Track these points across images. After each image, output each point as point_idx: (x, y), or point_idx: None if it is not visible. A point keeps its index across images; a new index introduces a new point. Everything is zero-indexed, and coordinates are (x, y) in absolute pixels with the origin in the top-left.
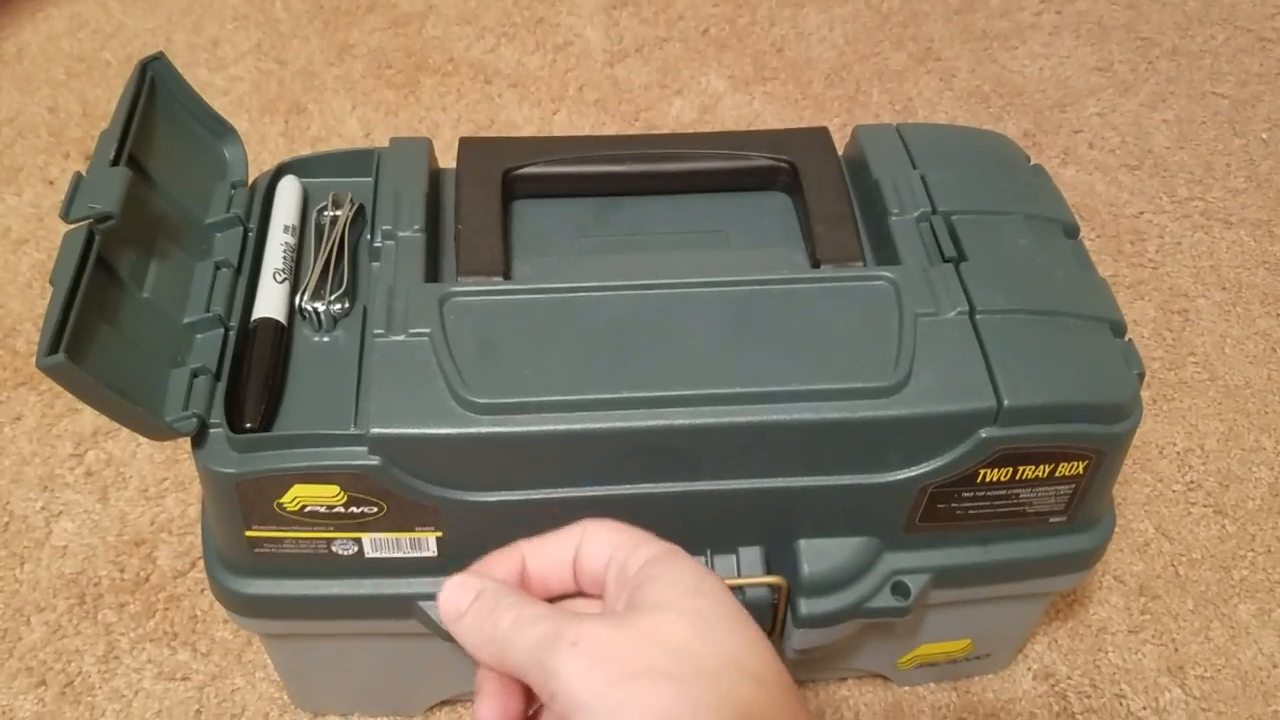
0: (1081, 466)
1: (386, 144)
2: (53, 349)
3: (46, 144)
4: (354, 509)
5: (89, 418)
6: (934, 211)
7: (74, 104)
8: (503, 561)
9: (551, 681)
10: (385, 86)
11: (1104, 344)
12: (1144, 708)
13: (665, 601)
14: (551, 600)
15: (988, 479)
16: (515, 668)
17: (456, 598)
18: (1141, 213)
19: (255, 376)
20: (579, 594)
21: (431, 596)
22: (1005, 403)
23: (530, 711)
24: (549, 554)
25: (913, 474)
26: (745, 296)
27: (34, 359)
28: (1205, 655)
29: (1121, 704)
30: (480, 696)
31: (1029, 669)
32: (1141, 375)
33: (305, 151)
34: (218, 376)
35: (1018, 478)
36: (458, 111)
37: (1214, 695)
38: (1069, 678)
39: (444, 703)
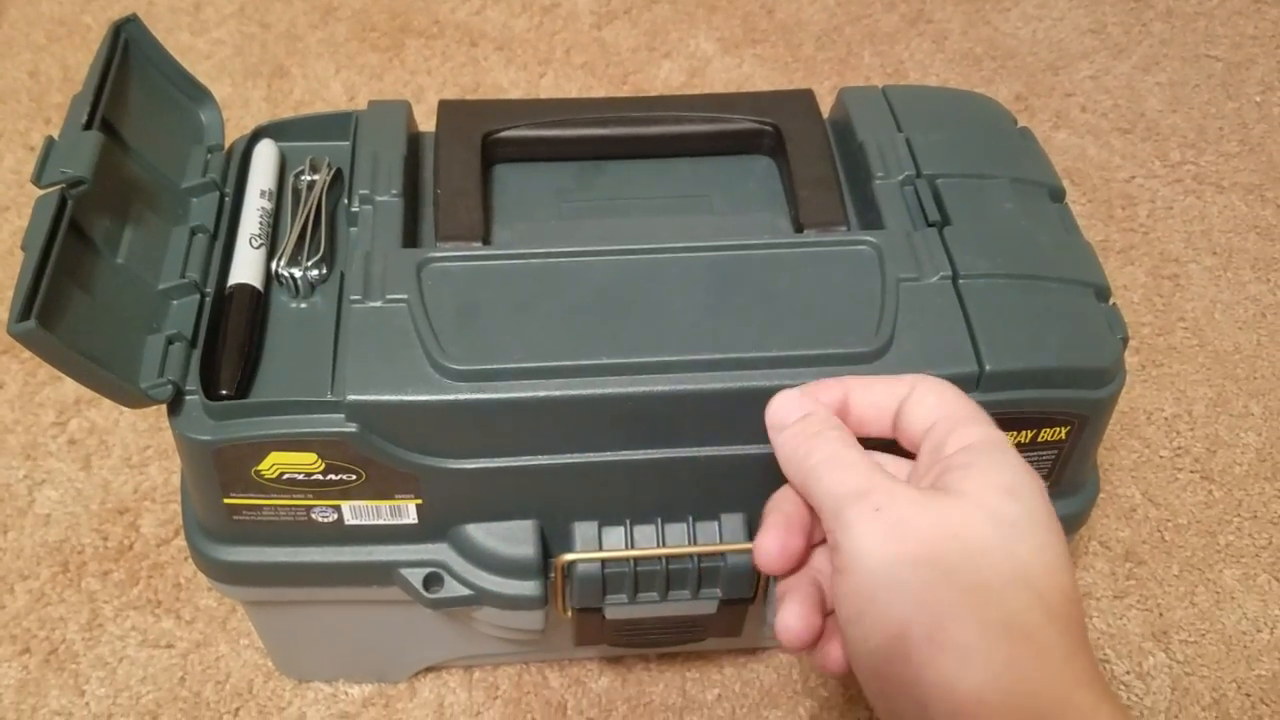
0: (1064, 432)
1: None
2: (24, 315)
3: (27, 109)
4: (332, 476)
5: (71, 386)
6: (919, 175)
7: (55, 69)
8: (829, 390)
9: (843, 534)
10: (369, 49)
11: (1087, 308)
12: (1128, 672)
13: (976, 495)
14: (863, 442)
15: None
16: (812, 500)
17: (785, 411)
18: (1133, 177)
19: (231, 343)
20: (892, 444)
21: (412, 564)
22: (987, 368)
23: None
24: (873, 398)
25: None
26: (727, 261)
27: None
28: (1190, 620)
29: (1105, 669)
30: (764, 528)
31: None
32: (1125, 340)
33: (289, 115)
34: (193, 343)
35: None
36: (443, 75)
37: (1198, 660)
38: None
39: (428, 669)
